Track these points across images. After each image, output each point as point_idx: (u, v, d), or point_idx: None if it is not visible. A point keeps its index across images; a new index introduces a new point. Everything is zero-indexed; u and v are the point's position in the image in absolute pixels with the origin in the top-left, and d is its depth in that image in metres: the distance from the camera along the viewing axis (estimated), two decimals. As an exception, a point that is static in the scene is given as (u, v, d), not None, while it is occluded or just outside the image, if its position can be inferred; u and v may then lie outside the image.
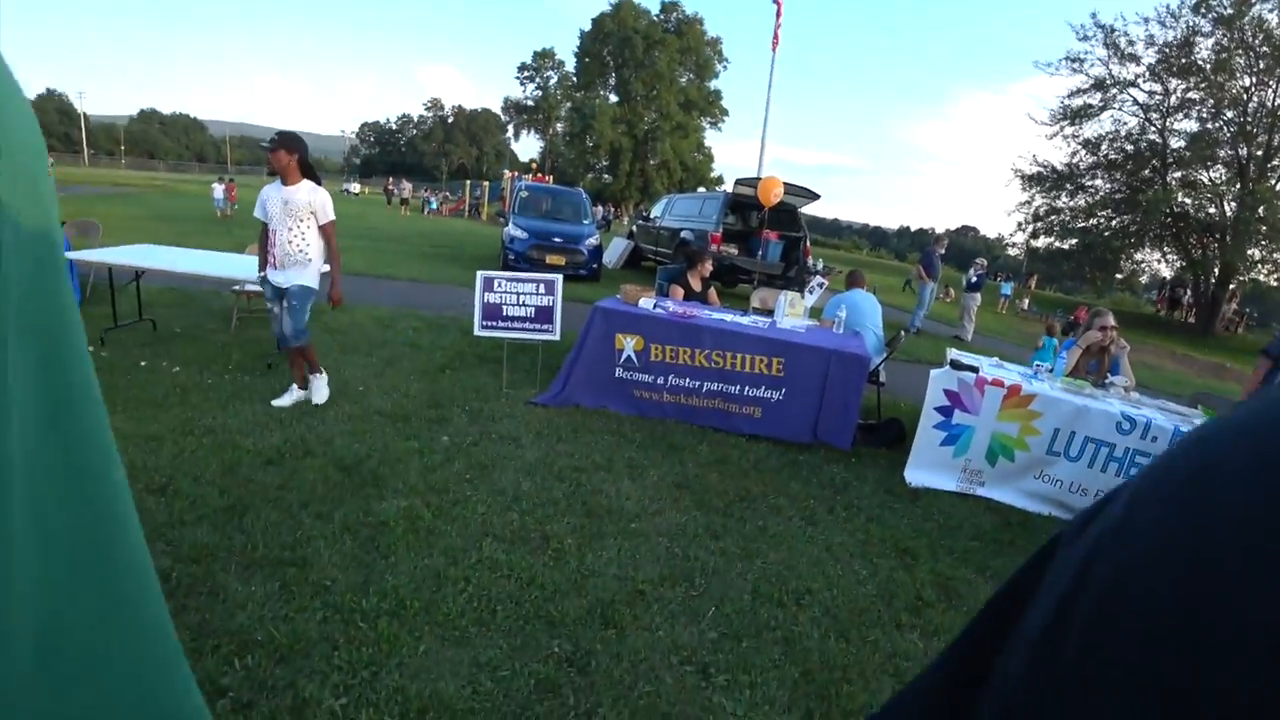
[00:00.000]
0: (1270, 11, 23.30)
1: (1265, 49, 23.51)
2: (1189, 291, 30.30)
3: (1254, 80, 24.39)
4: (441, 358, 5.54)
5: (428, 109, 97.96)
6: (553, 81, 67.10)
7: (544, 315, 4.94)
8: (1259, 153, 24.54)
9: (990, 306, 23.63)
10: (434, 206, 35.51)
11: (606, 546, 2.91)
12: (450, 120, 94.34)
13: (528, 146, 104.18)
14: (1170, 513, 0.23)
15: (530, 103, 68.63)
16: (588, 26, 60.38)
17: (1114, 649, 0.22)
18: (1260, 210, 23.26)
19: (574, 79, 63.96)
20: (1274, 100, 24.23)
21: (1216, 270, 25.63)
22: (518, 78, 68.32)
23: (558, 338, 4.98)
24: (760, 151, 14.16)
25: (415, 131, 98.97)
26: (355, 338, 5.89)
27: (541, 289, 4.93)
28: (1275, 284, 26.40)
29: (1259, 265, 25.22)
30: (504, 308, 4.92)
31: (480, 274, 4.92)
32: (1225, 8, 23.95)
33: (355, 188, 58.18)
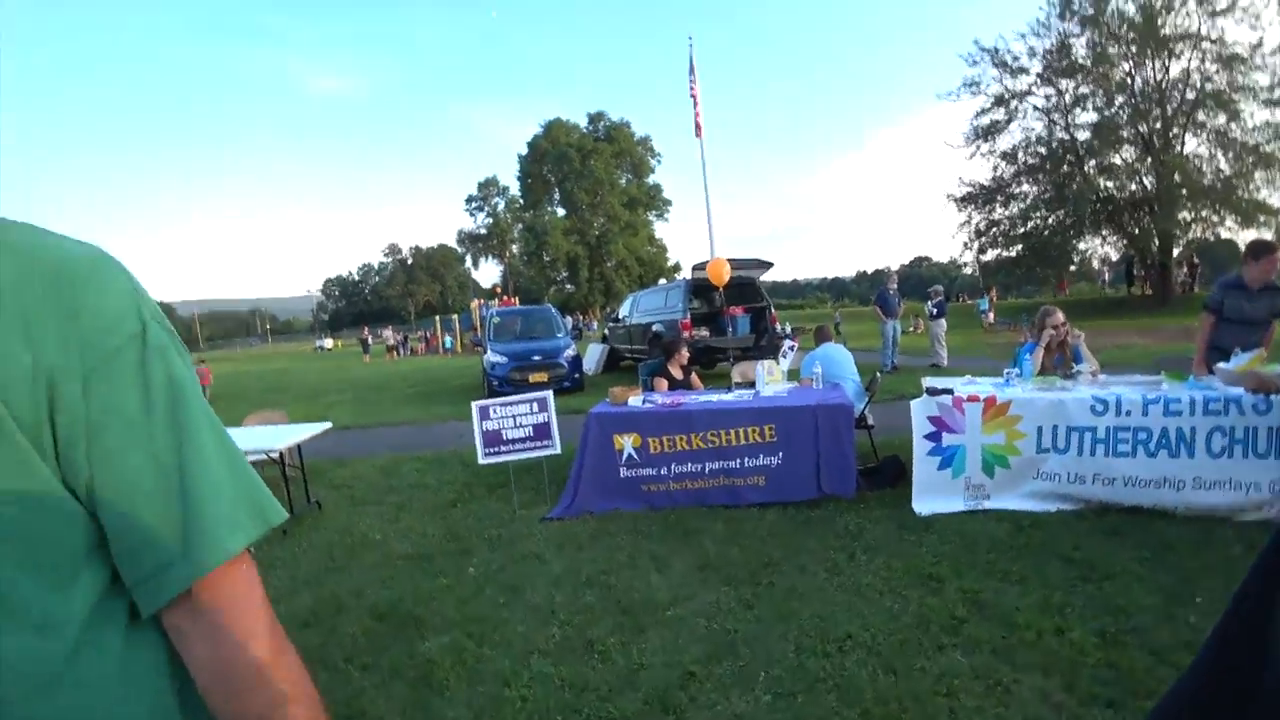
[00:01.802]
0: (1127, 2, 25.65)
1: (1131, 34, 25.58)
2: (1140, 266, 31.32)
3: (1131, 64, 26.40)
4: (450, 493, 5.69)
5: (386, 255, 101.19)
6: (501, 207, 70.26)
7: (542, 431, 5.16)
8: (1158, 125, 26.25)
9: (973, 327, 24.26)
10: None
11: (649, 638, 3.01)
12: (409, 261, 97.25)
13: (488, 273, 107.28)
14: None
15: (483, 231, 71.43)
16: (524, 151, 63.95)
17: None
18: (1175, 176, 24.75)
19: (520, 200, 67.09)
20: (1154, 76, 26.18)
21: (1156, 241, 26.81)
22: (467, 209, 71.58)
23: (559, 451, 5.18)
24: (709, 232, 14.86)
25: (377, 278, 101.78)
26: (361, 490, 6.04)
27: (535, 407, 5.17)
28: (1213, 239, 27.50)
29: (1193, 225, 26.30)
30: (503, 432, 5.14)
31: (475, 404, 5.17)
32: (1086, 8, 26.31)
33: (327, 343, 59.54)
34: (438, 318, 39.90)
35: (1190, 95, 25.68)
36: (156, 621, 0.65)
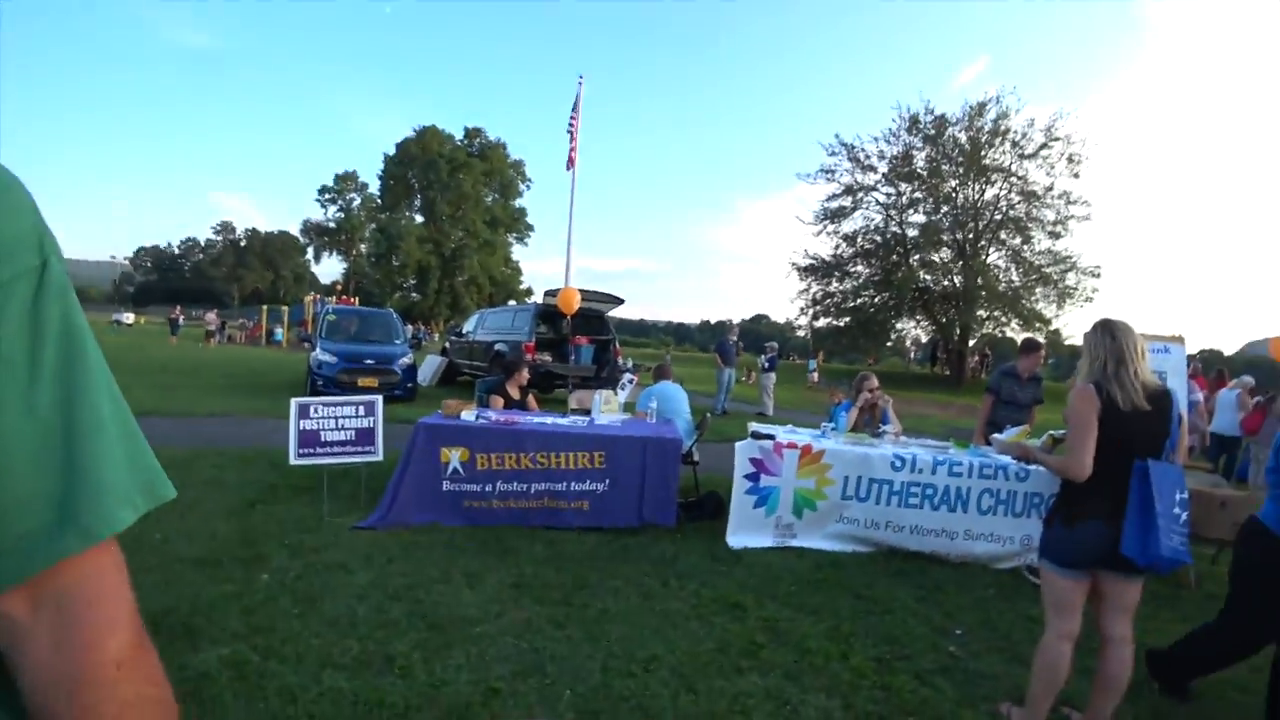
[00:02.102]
0: (960, 133, 30.72)
1: (961, 160, 30.72)
2: (943, 350, 36.06)
3: (957, 182, 31.47)
4: (252, 493, 5.15)
5: (217, 233, 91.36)
6: (355, 203, 66.17)
7: (365, 437, 4.85)
8: (970, 236, 31.43)
9: (799, 383, 26.21)
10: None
11: (454, 655, 2.89)
12: (243, 244, 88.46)
13: (329, 268, 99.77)
14: None
15: (332, 224, 66.79)
16: (391, 150, 61.08)
17: None
18: (978, 280, 29.63)
19: (378, 200, 63.67)
20: (973, 197, 31.40)
21: (958, 331, 31.33)
22: (318, 200, 66.62)
23: (380, 458, 4.89)
24: (566, 262, 15.01)
25: (202, 256, 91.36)
26: (145, 486, 5.29)
27: (361, 410, 4.86)
28: (999, 335, 32.51)
29: (986, 321, 31.10)
30: (322, 433, 4.76)
31: (294, 401, 4.76)
32: (929, 129, 31.06)
33: (128, 318, 51.72)
34: (265, 307, 36.50)
35: (997, 216, 31.08)
36: None
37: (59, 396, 0.53)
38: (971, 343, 32.40)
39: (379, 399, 4.94)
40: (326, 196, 66.30)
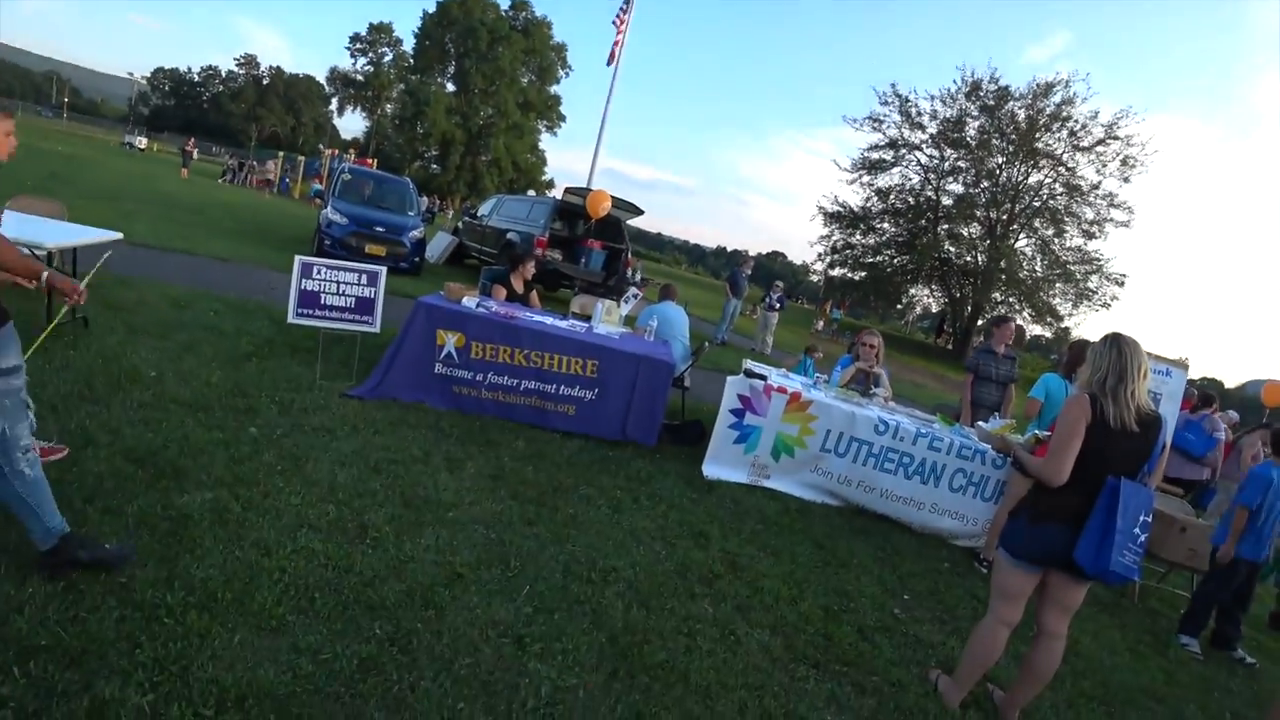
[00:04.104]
0: (1020, 109, 29.15)
1: (1014, 137, 29.50)
2: (951, 324, 35.90)
3: (1004, 160, 30.34)
4: (248, 345, 5.19)
5: (240, 65, 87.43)
6: (387, 59, 63.42)
7: (365, 306, 4.85)
8: (1004, 217, 30.66)
9: (805, 328, 26.16)
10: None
11: (424, 534, 3.00)
12: (266, 82, 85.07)
13: (352, 124, 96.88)
14: None
15: (360, 78, 64.29)
16: (432, 8, 57.96)
17: None
18: (1002, 263, 29.13)
19: (410, 60, 61.01)
20: (1016, 177, 30.37)
21: (970, 308, 31.06)
22: (348, 48, 63.80)
23: (377, 330, 4.91)
24: (593, 161, 14.62)
25: (222, 88, 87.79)
26: (145, 318, 5.31)
27: (364, 279, 4.83)
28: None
29: (1000, 305, 30.77)
30: (322, 296, 4.75)
31: (299, 259, 4.72)
32: (989, 99, 29.63)
33: (140, 142, 48.95)
34: (282, 153, 35.60)
35: (1036, 203, 30.21)
36: None
37: None
38: (980, 322, 32.21)
39: (383, 270, 4.90)
40: (358, 46, 63.50)
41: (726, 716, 2.35)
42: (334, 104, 71.20)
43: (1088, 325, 32.33)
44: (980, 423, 3.47)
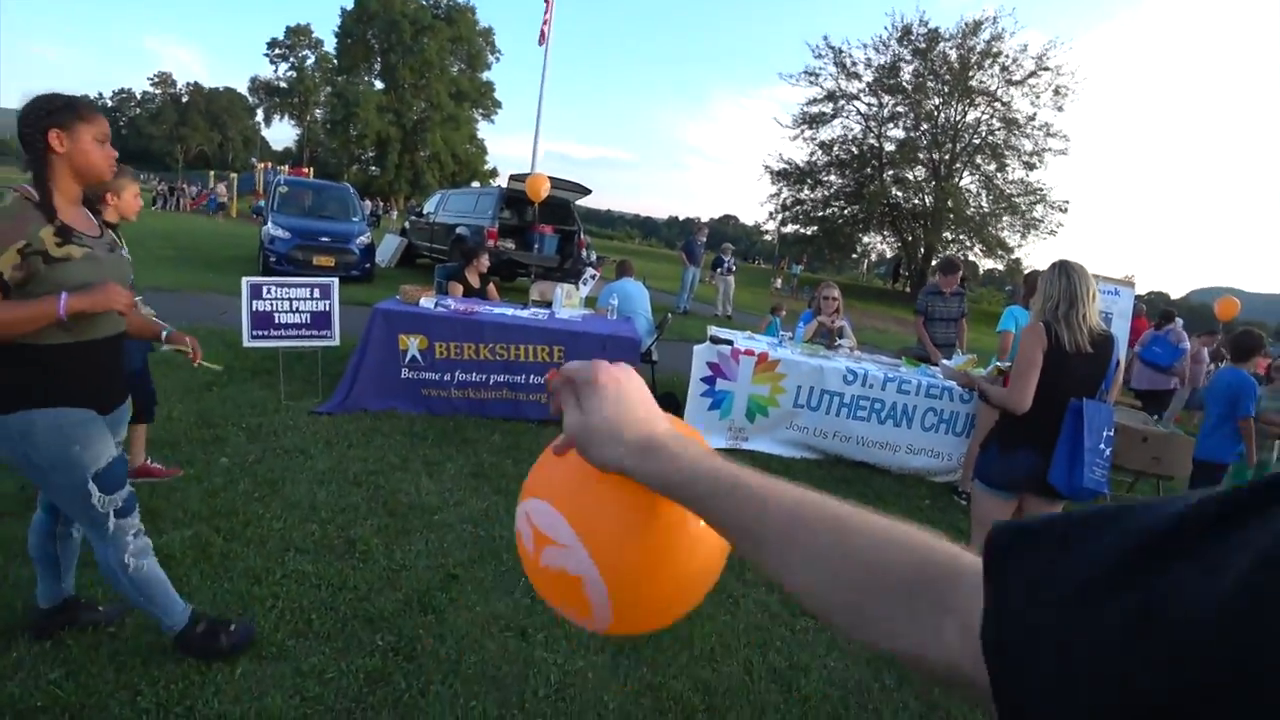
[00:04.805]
0: (951, 50, 29.64)
1: (948, 78, 29.97)
2: (906, 267, 36.56)
3: (941, 101, 30.87)
4: (206, 374, 5.04)
5: (155, 85, 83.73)
6: (309, 62, 61.42)
7: (321, 320, 4.75)
8: (946, 157, 31.29)
9: (763, 288, 26.35)
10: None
11: (414, 540, 3.00)
12: (185, 99, 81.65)
13: (281, 133, 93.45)
14: None
15: (283, 84, 62.23)
16: (349, 5, 56.01)
17: None
18: (949, 202, 29.80)
19: (334, 61, 59.10)
20: (954, 117, 30.95)
21: (922, 250, 31.69)
22: (267, 55, 61.81)
23: (337, 343, 4.83)
24: (534, 145, 14.40)
25: (139, 111, 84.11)
26: (91, 359, 5.13)
27: (316, 293, 4.73)
28: (964, 259, 33.17)
29: (951, 244, 31.47)
30: (276, 315, 4.65)
31: (246, 280, 4.60)
32: (920, 42, 30.01)
33: None
34: (213, 173, 34.36)
35: (976, 140, 30.86)
36: None
37: None
38: (934, 263, 32.97)
39: (334, 282, 4.81)
40: (277, 52, 61.46)
41: (734, 677, 2.42)
42: (260, 115, 69.09)
43: (1037, 254, 33.40)
44: (944, 361, 3.56)
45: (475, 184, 37.38)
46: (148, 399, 3.35)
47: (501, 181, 13.13)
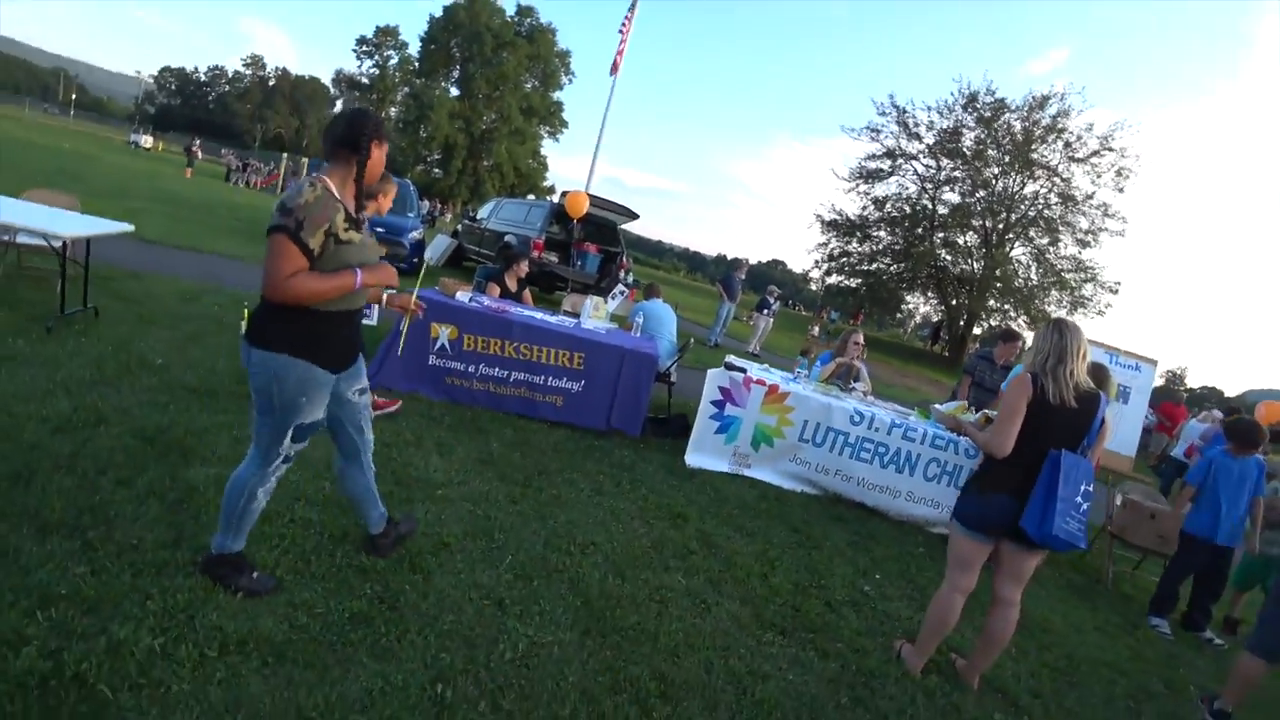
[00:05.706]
0: (1016, 121, 29.79)
1: (1010, 148, 29.90)
2: (947, 331, 36.14)
3: (1000, 170, 30.82)
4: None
5: (246, 65, 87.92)
6: (393, 62, 63.67)
7: (365, 301, 5.03)
8: (999, 226, 31.05)
9: (800, 333, 26.35)
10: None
11: (415, 509, 3.17)
12: (272, 83, 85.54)
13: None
14: None
15: (365, 80, 64.61)
16: (438, 11, 58.35)
17: None
18: (997, 271, 29.53)
19: (416, 64, 61.36)
20: (1012, 188, 30.80)
21: (965, 316, 31.33)
22: (355, 51, 64.06)
23: (374, 323, 5.10)
24: (591, 167, 14.81)
25: (228, 88, 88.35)
26: (154, 309, 5.50)
27: (365, 275, 5.01)
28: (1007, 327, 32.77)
29: (995, 313, 31.07)
30: (324, 291, 4.93)
31: (302, 253, 4.90)
32: (985, 110, 30.05)
33: (145, 141, 47.96)
34: (285, 155, 35.85)
35: (1031, 213, 30.62)
36: None
37: None
38: (977, 330, 32.46)
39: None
40: (364, 49, 63.84)
41: (692, 672, 2.53)
42: (339, 106, 71.63)
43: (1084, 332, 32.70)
44: (936, 405, 3.64)
45: (530, 197, 38.31)
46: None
47: (555, 197, 13.53)
